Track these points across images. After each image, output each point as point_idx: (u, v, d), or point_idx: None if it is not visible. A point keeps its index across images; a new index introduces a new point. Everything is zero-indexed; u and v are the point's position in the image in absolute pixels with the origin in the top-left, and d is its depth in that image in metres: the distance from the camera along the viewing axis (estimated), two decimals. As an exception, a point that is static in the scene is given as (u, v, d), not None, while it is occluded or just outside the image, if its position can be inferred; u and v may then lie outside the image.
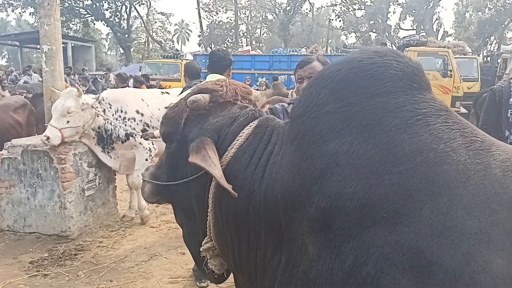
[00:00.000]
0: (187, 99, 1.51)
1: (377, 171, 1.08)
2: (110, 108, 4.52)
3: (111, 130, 4.51)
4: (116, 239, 4.26)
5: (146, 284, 3.34)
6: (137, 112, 4.66)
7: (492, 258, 0.95)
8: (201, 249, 1.50)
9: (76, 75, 14.29)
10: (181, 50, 33.21)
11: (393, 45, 30.78)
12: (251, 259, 1.39)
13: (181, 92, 4.23)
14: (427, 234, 0.99)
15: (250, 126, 1.43)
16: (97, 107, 4.35)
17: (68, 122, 4.10)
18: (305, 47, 22.25)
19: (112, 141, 4.53)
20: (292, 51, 18.33)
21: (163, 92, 5.36)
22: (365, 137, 1.13)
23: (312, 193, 1.15)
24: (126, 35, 34.16)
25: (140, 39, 42.31)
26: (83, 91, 4.43)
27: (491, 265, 0.94)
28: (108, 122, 4.46)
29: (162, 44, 38.03)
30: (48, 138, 3.95)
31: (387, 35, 38.09)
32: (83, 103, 4.19)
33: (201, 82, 4.33)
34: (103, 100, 4.49)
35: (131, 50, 36.82)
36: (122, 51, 37.90)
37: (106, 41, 51.69)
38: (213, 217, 1.42)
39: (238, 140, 1.40)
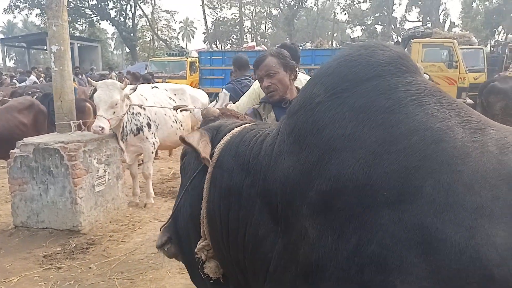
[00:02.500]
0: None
1: (375, 151, 1.10)
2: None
3: (126, 122, 4.88)
4: (126, 233, 4.38)
5: (156, 275, 3.45)
6: (140, 106, 5.00)
7: (495, 231, 0.98)
8: (196, 250, 1.54)
9: (84, 74, 14.47)
10: (186, 47, 33.25)
11: (399, 37, 30.59)
12: (239, 239, 1.41)
13: (229, 83, 4.21)
14: (430, 211, 1.02)
15: (247, 124, 1.63)
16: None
17: (114, 112, 4.51)
18: (310, 42, 22.22)
19: (126, 133, 4.93)
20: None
21: (153, 87, 5.76)
22: (360, 119, 1.16)
23: (312, 178, 1.18)
24: (132, 34, 34.33)
25: (146, 38, 42.45)
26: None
27: (493, 238, 0.98)
28: (128, 113, 4.85)
29: (168, 42, 38.16)
30: (103, 128, 4.33)
31: (393, 27, 37.81)
32: (124, 95, 4.57)
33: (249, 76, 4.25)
34: None
35: (137, 48, 36.99)
36: (128, 50, 38.11)
37: (112, 41, 51.99)
38: (206, 202, 1.49)
39: (233, 130, 1.56)
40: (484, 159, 1.07)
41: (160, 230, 1.83)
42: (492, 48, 18.96)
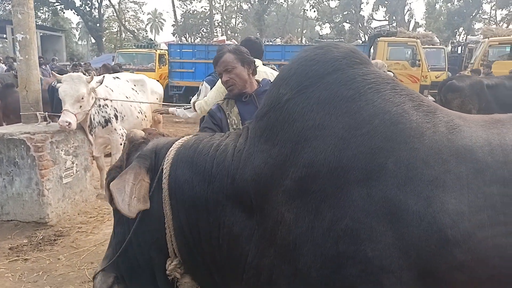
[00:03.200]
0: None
1: (343, 136, 1.23)
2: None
3: (93, 114, 4.81)
4: (95, 225, 4.36)
5: (126, 265, 3.47)
6: (106, 99, 4.97)
7: (447, 199, 1.14)
8: (168, 271, 1.51)
9: (47, 65, 13.99)
10: (154, 39, 32.68)
11: (365, 36, 31.35)
12: (213, 240, 1.44)
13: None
14: (394, 185, 1.16)
15: (185, 137, 1.61)
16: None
17: (80, 107, 4.41)
18: (280, 37, 22.40)
19: (94, 125, 4.88)
20: (267, 41, 18.42)
21: (115, 77, 5.72)
22: (326, 110, 1.28)
23: (286, 168, 1.28)
24: (98, 25, 33.35)
25: (112, 29, 41.37)
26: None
27: (447, 205, 1.14)
28: (95, 106, 4.80)
29: (135, 34, 37.38)
30: (70, 123, 4.21)
31: (360, 25, 38.66)
32: (90, 88, 4.49)
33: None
34: None
35: (103, 39, 35.99)
36: (93, 40, 37.03)
37: (77, 31, 50.29)
38: (172, 220, 1.46)
39: (176, 144, 1.54)
40: (436, 137, 1.23)
41: (95, 277, 1.66)
42: (452, 48, 19.80)
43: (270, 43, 17.46)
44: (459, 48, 18.90)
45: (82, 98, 4.40)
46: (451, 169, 1.17)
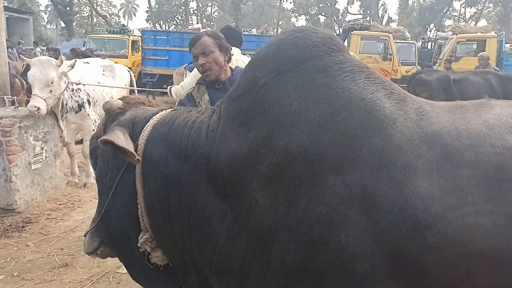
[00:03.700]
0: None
1: (319, 123, 1.24)
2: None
3: (67, 99, 4.72)
4: (65, 212, 4.30)
5: (98, 251, 3.46)
6: (79, 83, 4.90)
7: (419, 184, 1.17)
8: (139, 244, 1.52)
9: (14, 48, 13.47)
10: (127, 25, 31.89)
11: (340, 28, 31.68)
12: (184, 221, 1.41)
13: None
14: (368, 171, 1.17)
15: (165, 110, 1.59)
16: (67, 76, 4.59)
17: (50, 91, 4.31)
18: (256, 28, 22.32)
19: (66, 110, 4.78)
20: (243, 31, 18.25)
21: (85, 62, 5.65)
22: (304, 96, 1.29)
23: (261, 154, 1.27)
24: (68, 8, 32.20)
25: (83, 13, 40.00)
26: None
27: (419, 189, 1.16)
28: (68, 90, 4.71)
29: (107, 19, 36.36)
30: (38, 108, 4.13)
31: (335, 18, 39.02)
32: (61, 72, 4.38)
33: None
34: None
35: (74, 24, 34.80)
36: (63, 25, 35.78)
37: (46, 14, 48.37)
38: (143, 196, 1.46)
39: (153, 119, 1.52)
40: (408, 124, 1.26)
41: (85, 236, 1.72)
42: (422, 44, 20.31)
43: (246, 33, 17.34)
44: (429, 43, 19.40)
45: (52, 83, 4.30)
46: (422, 155, 1.20)
